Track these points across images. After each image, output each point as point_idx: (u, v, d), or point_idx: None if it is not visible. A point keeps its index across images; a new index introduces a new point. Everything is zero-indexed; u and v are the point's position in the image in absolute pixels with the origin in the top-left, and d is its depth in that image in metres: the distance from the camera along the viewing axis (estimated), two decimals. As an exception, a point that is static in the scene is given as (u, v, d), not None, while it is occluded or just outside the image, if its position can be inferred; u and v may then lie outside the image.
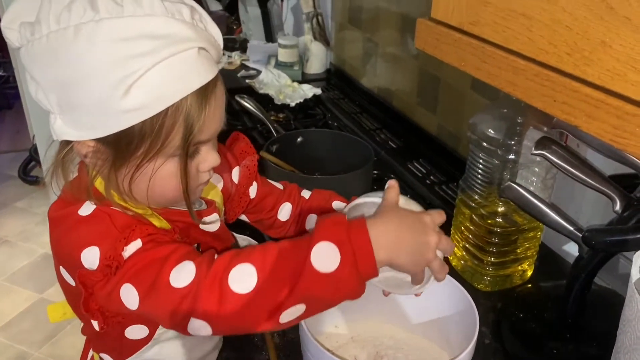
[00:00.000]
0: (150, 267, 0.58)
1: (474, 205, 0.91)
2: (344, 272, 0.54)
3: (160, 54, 0.56)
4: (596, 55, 0.45)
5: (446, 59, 0.64)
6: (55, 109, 0.59)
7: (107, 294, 0.59)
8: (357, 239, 0.56)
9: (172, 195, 0.65)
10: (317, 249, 0.55)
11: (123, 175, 0.61)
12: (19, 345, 2.01)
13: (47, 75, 0.57)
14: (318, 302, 0.57)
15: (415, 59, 1.43)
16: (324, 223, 0.57)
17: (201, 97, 0.60)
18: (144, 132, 0.58)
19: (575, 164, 0.73)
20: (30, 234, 2.58)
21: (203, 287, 0.55)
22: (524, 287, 0.93)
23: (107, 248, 0.58)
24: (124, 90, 0.55)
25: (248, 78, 1.83)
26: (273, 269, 0.55)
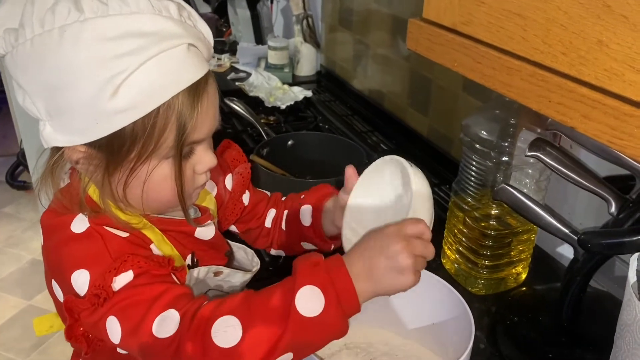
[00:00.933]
0: (137, 307, 0.56)
1: (467, 208, 0.90)
2: (330, 313, 0.53)
3: (148, 51, 0.54)
4: (592, 55, 0.44)
5: (439, 59, 0.63)
6: (43, 116, 0.57)
7: (93, 322, 0.58)
8: (338, 279, 0.55)
9: (167, 199, 0.63)
10: (301, 294, 0.53)
11: (117, 181, 0.60)
12: (6, 353, 1.97)
13: (33, 81, 0.56)
14: (305, 348, 0.55)
15: (407, 61, 1.42)
16: (303, 266, 0.56)
17: (193, 95, 0.58)
18: (135, 133, 0.56)
19: (570, 165, 0.72)
20: (18, 240, 2.55)
21: (185, 341, 0.53)
22: (518, 291, 0.92)
23: (97, 276, 0.57)
24: (113, 91, 0.54)
25: (238, 80, 1.81)
26: (257, 319, 0.53)
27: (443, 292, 0.72)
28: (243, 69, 1.92)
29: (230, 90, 1.71)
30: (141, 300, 0.56)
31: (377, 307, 0.76)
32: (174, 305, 0.56)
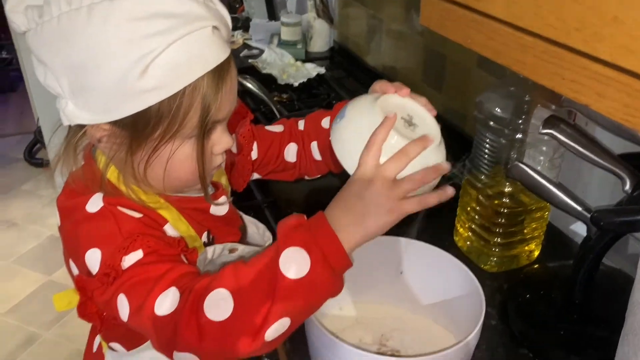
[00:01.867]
0: (143, 286, 0.57)
1: (481, 185, 0.89)
2: (317, 272, 0.53)
3: (177, 32, 0.55)
4: (607, 31, 0.43)
5: (452, 36, 0.62)
6: (66, 93, 0.57)
7: (105, 301, 0.59)
8: (321, 235, 0.55)
9: (188, 178, 0.64)
10: (284, 257, 0.53)
11: (139, 159, 0.61)
12: (28, 327, 2.03)
13: (58, 59, 0.56)
14: (301, 310, 0.55)
15: (421, 36, 1.40)
16: (285, 228, 0.56)
17: (217, 77, 0.59)
18: (161, 112, 0.57)
19: (584, 142, 0.71)
20: (37, 216, 2.59)
21: (181, 319, 0.54)
22: (530, 268, 0.92)
23: (108, 255, 0.58)
24: (142, 70, 0.54)
25: (251, 58, 1.80)
26: (246, 289, 0.54)
27: (454, 269, 0.72)
28: (256, 45, 1.91)
29: (243, 68, 1.70)
30: (147, 279, 0.57)
31: (389, 284, 0.77)
32: (176, 283, 0.57)
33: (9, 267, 2.31)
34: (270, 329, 0.53)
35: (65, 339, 1.98)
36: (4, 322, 2.05)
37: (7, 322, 2.06)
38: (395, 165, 0.58)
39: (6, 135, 3.26)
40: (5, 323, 2.05)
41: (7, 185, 2.83)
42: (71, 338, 1.97)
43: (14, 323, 2.05)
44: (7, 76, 3.64)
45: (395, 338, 0.75)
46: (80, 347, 1.98)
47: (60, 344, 1.97)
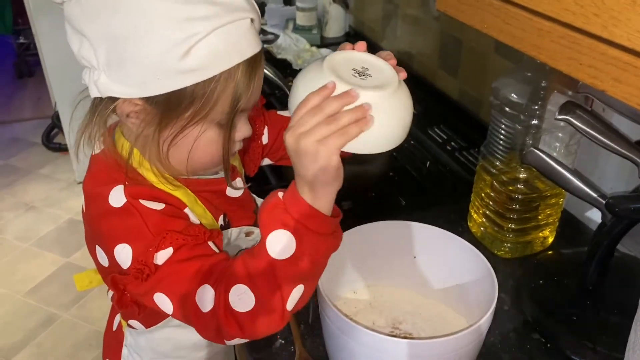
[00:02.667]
0: (179, 284, 0.60)
1: (495, 171, 0.89)
2: (305, 242, 0.56)
3: (220, 19, 0.56)
4: (625, 16, 0.43)
5: (468, 21, 0.62)
6: (101, 65, 0.58)
7: (141, 295, 0.62)
8: (295, 208, 0.56)
9: (208, 161, 0.66)
10: (270, 242, 0.56)
11: (165, 138, 0.62)
12: (48, 307, 2.07)
13: (100, 29, 0.56)
14: (309, 275, 0.58)
15: (437, 21, 1.39)
16: (263, 213, 0.57)
17: (250, 67, 0.60)
18: (195, 94, 0.58)
19: (601, 129, 0.71)
20: (54, 199, 2.63)
21: (219, 317, 0.58)
22: (544, 254, 0.93)
23: (139, 251, 0.60)
24: (185, 51, 0.55)
25: (266, 43, 1.80)
26: (256, 279, 0.57)
27: (467, 253, 0.73)
28: (271, 30, 1.91)
29: (258, 53, 1.70)
30: (182, 278, 0.60)
31: (403, 268, 0.78)
32: (207, 280, 0.59)
33: (28, 250, 2.35)
34: (289, 302, 0.57)
35: (84, 319, 2.02)
36: (24, 303, 2.10)
37: (27, 302, 2.10)
38: (309, 121, 0.54)
39: (24, 119, 3.30)
40: (25, 303, 2.10)
41: (25, 169, 2.87)
42: (89, 319, 2.01)
43: (33, 304, 2.09)
44: (24, 61, 3.67)
45: (408, 321, 0.75)
46: (98, 328, 2.02)
47: (78, 324, 2.01)
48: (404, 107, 0.58)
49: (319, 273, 0.61)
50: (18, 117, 3.33)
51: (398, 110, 0.57)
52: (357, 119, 0.54)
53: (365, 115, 0.54)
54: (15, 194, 2.68)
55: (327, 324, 0.66)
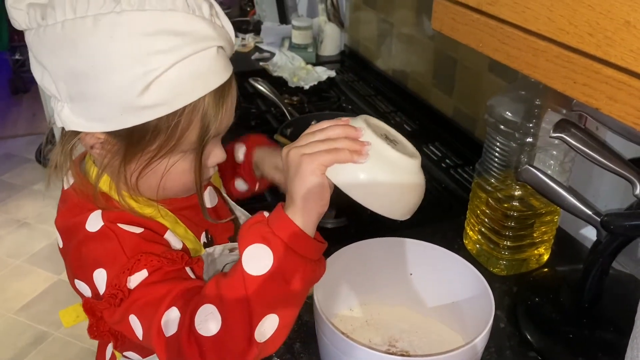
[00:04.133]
0: (149, 307, 0.57)
1: (491, 189, 0.90)
2: (282, 260, 0.53)
3: (182, 51, 0.55)
4: (619, 36, 0.44)
5: (464, 40, 0.63)
6: (63, 97, 0.57)
7: (117, 321, 0.59)
8: (278, 225, 0.54)
9: (179, 190, 0.65)
10: (246, 257, 0.53)
11: (132, 170, 0.60)
12: (39, 326, 2.05)
13: (59, 64, 0.55)
14: (283, 304, 0.54)
15: (431, 40, 1.41)
16: (244, 228, 0.56)
17: (219, 97, 0.59)
18: (158, 128, 0.57)
19: (595, 147, 0.71)
20: (48, 216, 2.61)
21: (182, 339, 0.54)
22: (540, 272, 0.93)
23: (113, 275, 0.58)
24: (144, 87, 0.54)
25: (262, 60, 1.82)
26: (226, 299, 0.54)
27: (464, 271, 0.72)
28: (267, 48, 1.92)
29: (254, 71, 1.71)
30: (152, 300, 0.57)
31: (399, 285, 0.78)
32: (175, 303, 0.56)
33: (20, 266, 2.33)
34: (257, 330, 0.53)
35: (75, 338, 1.99)
36: (14, 321, 2.07)
37: (18, 320, 2.08)
38: (309, 139, 0.57)
39: (18, 135, 3.29)
40: (15, 321, 2.07)
41: (18, 185, 2.85)
42: (80, 337, 1.99)
43: (24, 321, 2.07)
44: (20, 77, 3.68)
45: (404, 339, 0.75)
46: (89, 346, 2.00)
47: (70, 343, 1.98)
48: (421, 181, 0.60)
49: (296, 305, 0.56)
50: (12, 133, 3.32)
51: (420, 181, 0.60)
52: (353, 148, 0.55)
53: (362, 150, 0.55)
54: (9, 210, 2.67)
55: (324, 342, 0.65)
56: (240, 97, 1.42)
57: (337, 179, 0.55)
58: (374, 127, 0.59)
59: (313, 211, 0.55)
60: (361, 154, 0.55)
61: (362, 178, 0.55)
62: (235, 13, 2.23)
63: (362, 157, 0.55)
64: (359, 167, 0.55)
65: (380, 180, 0.56)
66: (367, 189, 0.56)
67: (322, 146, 0.55)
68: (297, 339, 0.79)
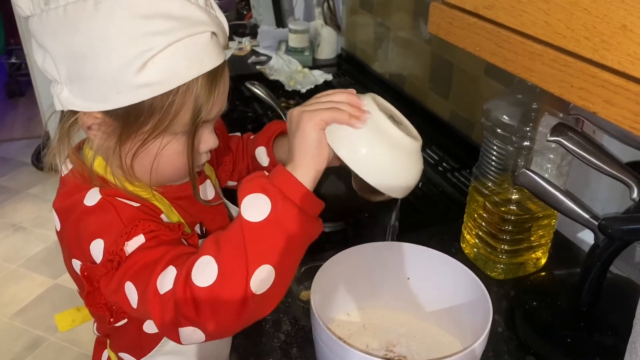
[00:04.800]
0: (145, 269, 0.58)
1: (488, 192, 0.90)
2: (279, 209, 0.54)
3: (177, 34, 0.57)
4: (616, 39, 0.44)
5: (460, 43, 0.63)
6: (63, 79, 0.59)
7: (113, 290, 0.60)
8: (277, 177, 0.56)
9: (173, 174, 0.66)
10: (245, 205, 0.55)
11: (127, 150, 0.62)
12: (35, 330, 2.04)
13: (60, 46, 0.58)
14: (279, 256, 0.55)
15: (428, 44, 1.41)
16: (243, 181, 0.57)
17: (211, 80, 0.61)
18: (153, 108, 0.59)
19: (592, 150, 0.71)
20: (44, 220, 2.61)
21: (177, 292, 0.55)
22: (537, 275, 0.92)
23: (111, 242, 0.59)
24: (140, 66, 0.56)
25: (258, 64, 1.81)
26: (225, 248, 0.55)
27: (461, 275, 0.72)
28: (264, 52, 1.92)
29: (250, 74, 1.72)
30: (149, 262, 0.58)
31: (396, 290, 0.78)
32: (173, 262, 0.57)
33: (16, 271, 2.32)
34: (253, 279, 0.53)
35: (71, 343, 1.98)
36: (10, 325, 2.06)
37: (14, 325, 2.06)
38: (312, 101, 0.61)
39: (14, 139, 3.28)
40: (11, 326, 2.06)
41: (14, 189, 2.84)
42: (77, 342, 1.98)
43: (20, 326, 2.06)
44: (16, 81, 3.67)
45: (402, 344, 0.75)
46: (86, 351, 1.99)
47: (66, 348, 1.97)
48: (419, 163, 0.62)
49: (292, 259, 0.57)
50: (8, 136, 3.31)
51: (418, 162, 0.62)
52: (353, 113, 0.58)
53: (361, 116, 0.58)
54: (4, 214, 2.66)
55: (321, 347, 0.65)
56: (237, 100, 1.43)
57: (333, 139, 0.58)
58: (380, 105, 0.62)
59: (311, 167, 0.57)
60: (359, 119, 0.58)
61: (356, 143, 0.58)
62: (232, 16, 2.23)
63: (359, 122, 0.58)
64: (355, 132, 0.58)
65: (373, 150, 0.59)
66: (359, 155, 0.58)
67: (322, 106, 0.59)
68: (294, 344, 0.79)
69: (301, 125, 0.58)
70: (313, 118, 0.57)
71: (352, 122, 0.58)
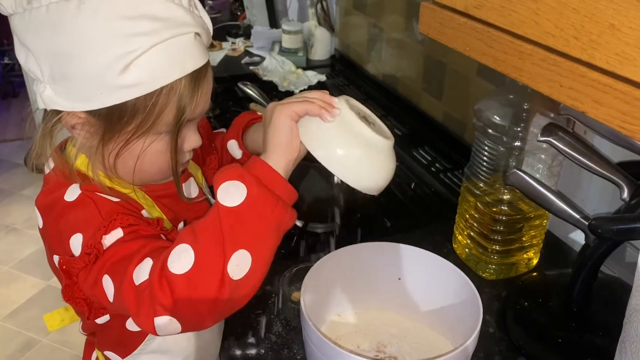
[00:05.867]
0: (122, 262, 0.58)
1: (479, 192, 0.90)
2: (254, 194, 0.55)
3: (160, 35, 0.57)
4: (604, 39, 0.44)
5: (451, 44, 0.63)
6: (46, 78, 0.59)
7: (90, 285, 0.60)
8: (253, 166, 0.58)
9: (155, 172, 0.66)
10: (221, 191, 0.56)
11: (110, 150, 0.62)
12: (27, 332, 2.02)
13: (43, 45, 0.57)
14: (254, 238, 0.55)
15: (421, 45, 1.41)
16: (220, 170, 0.58)
17: (194, 80, 0.61)
18: (136, 108, 0.59)
19: (582, 150, 0.71)
20: (37, 221, 2.59)
21: (153, 281, 0.54)
22: (529, 276, 0.92)
23: (89, 236, 0.59)
24: (123, 67, 0.56)
25: (252, 65, 1.81)
26: (200, 234, 0.55)
27: (452, 276, 0.72)
28: (257, 52, 1.92)
29: (244, 75, 1.71)
30: (126, 255, 0.58)
31: (387, 291, 0.78)
32: (150, 254, 0.57)
33: (8, 272, 2.30)
34: (230, 264, 0.53)
35: (63, 344, 1.97)
36: (2, 327, 2.05)
37: (6, 327, 2.05)
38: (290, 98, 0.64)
39: (7, 140, 3.27)
40: (4, 328, 2.05)
41: (7, 190, 2.83)
42: (69, 344, 1.97)
43: (12, 328, 2.04)
44: (9, 82, 3.65)
45: (393, 345, 0.75)
46: (78, 353, 1.97)
47: (58, 349, 1.96)
48: (389, 162, 0.64)
49: (268, 246, 0.57)
50: (1, 138, 3.29)
51: (390, 161, 0.64)
52: (324, 107, 0.61)
53: (332, 111, 0.61)
54: (-3, 215, 2.64)
55: (311, 348, 0.65)
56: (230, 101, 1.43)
57: (304, 132, 0.61)
58: (352, 105, 0.64)
59: (283, 156, 0.59)
60: (330, 112, 0.61)
61: (324, 136, 0.61)
62: (225, 17, 2.22)
63: (330, 114, 0.61)
64: (324, 127, 0.61)
65: (340, 144, 0.61)
66: (328, 148, 0.61)
67: (296, 100, 0.62)
68: (285, 345, 0.79)
69: (274, 117, 0.61)
70: (284, 110, 0.61)
71: (322, 112, 0.60)
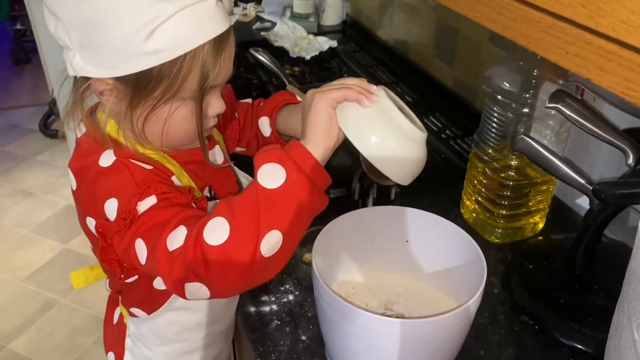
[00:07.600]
0: (156, 228, 0.60)
1: (488, 158, 0.91)
2: (293, 178, 0.58)
3: (184, 1, 0.59)
4: (611, 7, 0.45)
5: (461, 10, 0.63)
6: (75, 46, 0.61)
7: (124, 248, 0.63)
8: (293, 150, 0.60)
9: (182, 137, 0.69)
10: (261, 172, 0.58)
11: (138, 115, 0.65)
12: (47, 293, 2.09)
13: (71, 14, 0.59)
14: (289, 223, 0.58)
15: (433, 10, 1.40)
16: (261, 151, 0.60)
17: (217, 46, 0.63)
18: (162, 74, 0.61)
19: (589, 117, 0.72)
20: (52, 186, 2.64)
21: (187, 249, 0.57)
22: (534, 240, 0.95)
23: (124, 201, 0.62)
24: (148, 33, 0.58)
25: (263, 30, 1.81)
26: (238, 210, 0.58)
27: (458, 238, 0.74)
28: (268, 18, 1.91)
29: (255, 41, 1.71)
30: (160, 221, 0.61)
31: (396, 252, 0.80)
32: (184, 222, 0.60)
33: (26, 236, 2.36)
34: (262, 242, 0.56)
35: (82, 305, 2.04)
36: (23, 288, 2.12)
37: (26, 287, 2.12)
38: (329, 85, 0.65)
39: (21, 106, 3.30)
40: (24, 289, 2.12)
41: (22, 155, 2.87)
42: (88, 304, 2.03)
43: (33, 289, 2.11)
44: (21, 48, 3.66)
45: (400, 303, 0.78)
46: (97, 313, 2.04)
47: (77, 310, 2.03)
48: (421, 153, 0.66)
49: (299, 228, 0.60)
50: (15, 104, 3.32)
51: (423, 153, 0.66)
52: (363, 92, 0.62)
53: (370, 96, 0.62)
54: (13, 180, 2.69)
55: (322, 305, 0.68)
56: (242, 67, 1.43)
57: (342, 119, 0.62)
58: (389, 95, 0.65)
59: (321, 143, 0.61)
60: (368, 98, 0.62)
61: (362, 122, 0.62)
62: (236, -18, 2.21)
63: (368, 100, 0.62)
64: (362, 112, 0.62)
65: (378, 131, 0.62)
66: (364, 133, 0.62)
67: (335, 87, 0.64)
68: (297, 303, 0.82)
69: (313, 104, 0.62)
70: (324, 97, 0.62)
71: (360, 97, 0.62)
